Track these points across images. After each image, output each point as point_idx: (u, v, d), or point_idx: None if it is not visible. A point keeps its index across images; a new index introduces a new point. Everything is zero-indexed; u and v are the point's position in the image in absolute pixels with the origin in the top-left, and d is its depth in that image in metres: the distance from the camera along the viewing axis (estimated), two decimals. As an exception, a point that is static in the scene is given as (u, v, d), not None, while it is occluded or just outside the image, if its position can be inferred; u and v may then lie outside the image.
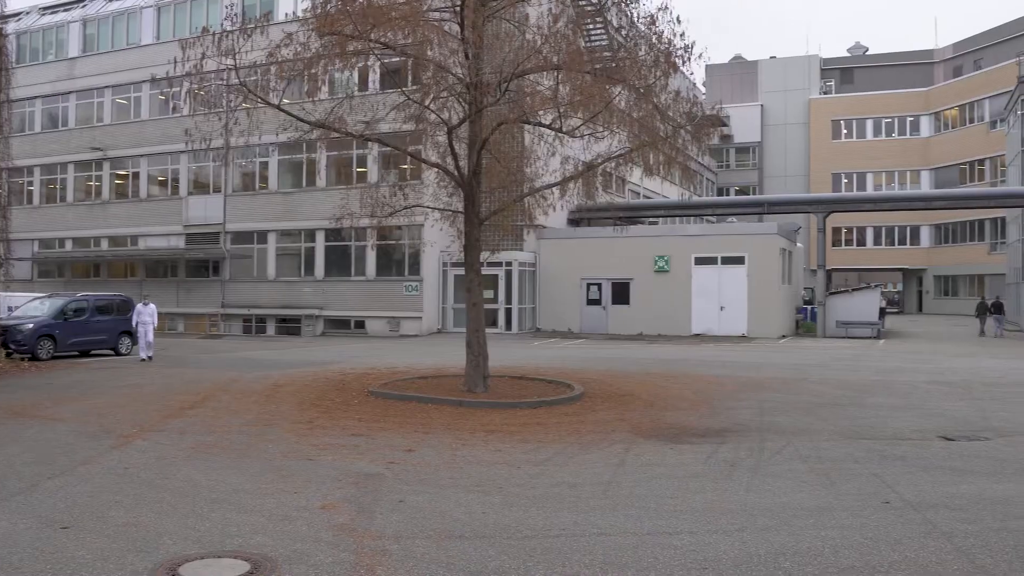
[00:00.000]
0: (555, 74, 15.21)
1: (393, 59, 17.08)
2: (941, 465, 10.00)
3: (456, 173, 16.20)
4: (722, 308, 34.58)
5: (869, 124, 71.32)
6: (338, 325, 36.46)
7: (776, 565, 6.24)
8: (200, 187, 40.23)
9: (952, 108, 67.83)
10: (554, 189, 16.94)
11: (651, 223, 43.56)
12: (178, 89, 33.61)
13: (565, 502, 8.13)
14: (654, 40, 15.36)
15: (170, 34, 39.54)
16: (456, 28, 15.22)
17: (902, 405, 15.28)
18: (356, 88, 21.19)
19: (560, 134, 15.97)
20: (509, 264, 35.50)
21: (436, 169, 17.13)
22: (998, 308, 40.18)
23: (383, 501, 8.16)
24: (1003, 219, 54.19)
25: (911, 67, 74.15)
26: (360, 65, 17.79)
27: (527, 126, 16.83)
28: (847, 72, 76.83)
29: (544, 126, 16.05)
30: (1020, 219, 45.03)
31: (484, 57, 15.20)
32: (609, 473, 9.42)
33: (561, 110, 15.43)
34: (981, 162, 63.57)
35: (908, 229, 68.81)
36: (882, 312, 39.79)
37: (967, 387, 17.91)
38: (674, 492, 8.53)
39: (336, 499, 8.23)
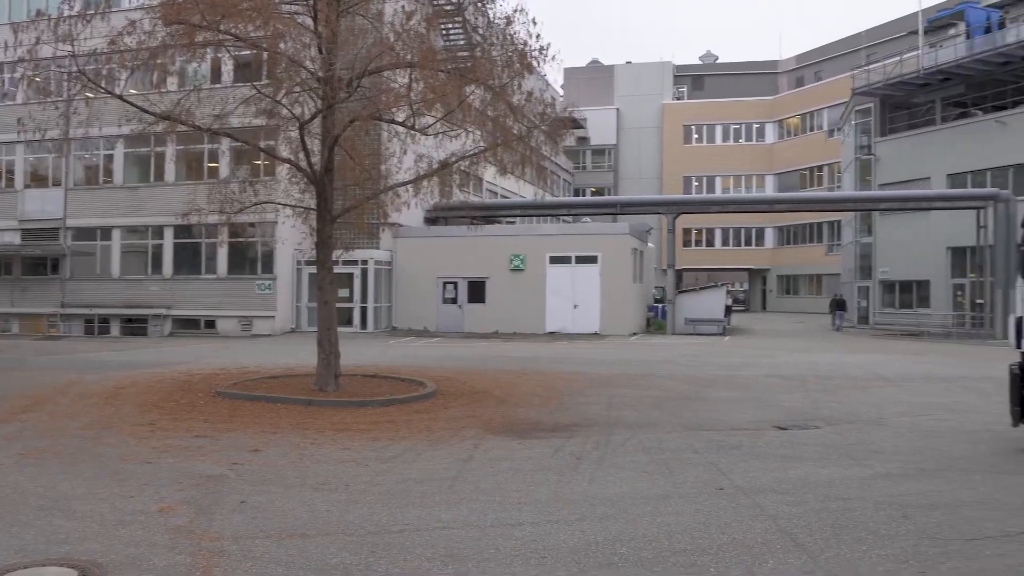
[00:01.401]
0: (409, 72, 15.19)
1: (245, 52, 16.65)
2: (773, 453, 10.53)
3: (308, 169, 15.95)
4: (576, 306, 35.26)
5: (718, 129, 74.19)
6: (187, 325, 35.25)
7: (613, 551, 6.44)
8: (38, 180, 38.11)
9: (794, 116, 71.33)
10: (408, 187, 16.90)
11: (508, 222, 43.96)
12: (11, 75, 31.83)
13: (411, 498, 8.15)
14: (509, 40, 15.54)
15: (4, 16, 37.33)
16: (310, 22, 14.99)
17: (743, 398, 15.99)
18: (208, 80, 20.58)
19: (413, 132, 15.95)
20: (365, 262, 35.18)
21: (288, 165, 16.82)
22: (840, 305, 43.90)
23: (224, 502, 7.97)
24: (839, 222, 57.31)
25: (758, 76, 77.50)
26: (211, 57, 17.30)
27: (382, 123, 16.74)
28: (698, 79, 79.65)
29: (398, 123, 16.00)
30: (854, 222, 47.75)
31: (337, 52, 15.01)
32: (457, 468, 9.49)
33: (415, 108, 15.42)
34: (820, 168, 67.08)
35: (754, 231, 71.97)
36: (728, 310, 41.53)
37: (803, 380, 18.89)
38: (519, 485, 8.67)
39: (175, 501, 7.98)
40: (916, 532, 6.96)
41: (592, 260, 35.51)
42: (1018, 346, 10.98)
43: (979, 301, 37.30)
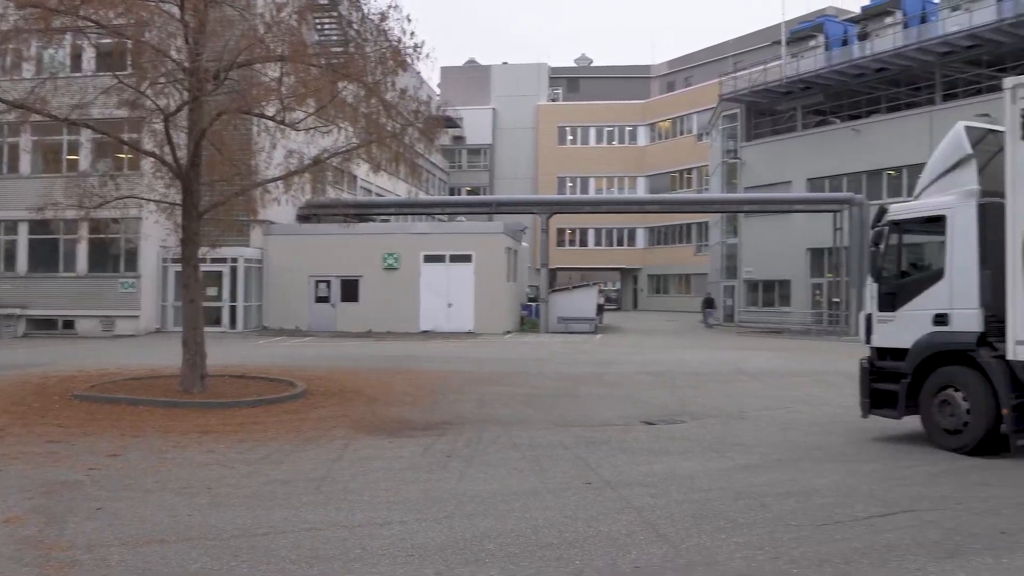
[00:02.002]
0: (280, 65, 14.88)
1: (107, 40, 15.95)
2: (640, 447, 10.78)
3: (174, 163, 15.41)
4: (450, 305, 35.26)
5: (592, 131, 75.47)
6: (43, 326, 33.51)
7: (480, 547, 6.47)
8: None
9: (666, 120, 73.24)
10: (279, 183, 16.56)
11: (382, 221, 43.61)
12: None
13: (277, 499, 7.98)
14: (383, 37, 15.41)
15: None
16: (176, 10, 14.48)
17: (612, 394, 16.32)
18: (67, 68, 19.63)
19: (283, 127, 15.63)
20: (234, 260, 34.27)
21: (153, 159, 16.21)
22: (710, 304, 45.76)
23: (78, 510, 7.62)
24: (708, 223, 59.16)
25: (631, 80, 79.17)
26: (71, 43, 16.53)
27: (252, 117, 16.33)
28: (573, 81, 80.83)
29: (267, 118, 15.64)
30: (721, 223, 49.40)
31: (205, 43, 14.53)
32: (325, 469, 9.35)
33: (285, 102, 15.12)
34: (690, 171, 69.07)
35: (626, 231, 73.56)
36: (600, 309, 42.28)
37: (670, 376, 19.42)
38: (389, 484, 8.61)
39: (23, 510, 7.58)
40: (772, 520, 7.25)
41: (466, 259, 35.59)
42: (868, 341, 11.58)
43: (836, 300, 39.14)
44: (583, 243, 73.59)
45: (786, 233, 42.58)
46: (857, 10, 43.78)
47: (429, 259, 35.79)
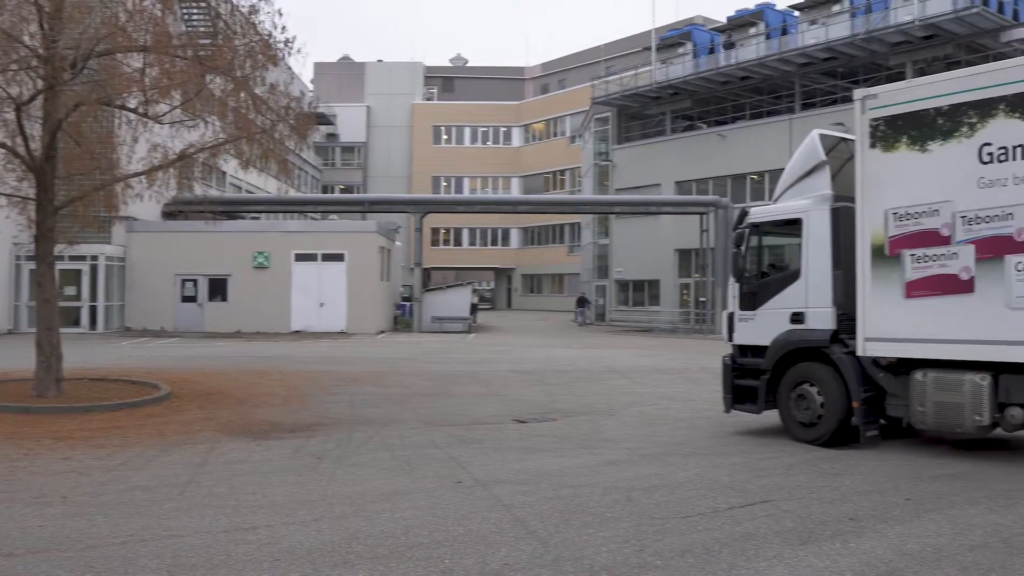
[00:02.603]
0: (143, 55, 14.33)
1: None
2: (512, 446, 10.87)
3: (27, 155, 14.62)
4: (322, 305, 34.74)
5: (467, 131, 75.62)
6: None
7: (349, 549, 6.39)
8: None
9: (539, 122, 74.04)
10: (141, 178, 15.93)
11: (252, 218, 42.61)
12: None
13: (137, 507, 7.69)
14: (253, 30, 15.04)
15: None
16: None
17: (485, 393, 16.40)
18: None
19: (146, 119, 15.05)
20: (95, 258, 32.83)
21: (3, 150, 15.35)
22: (582, 302, 46.64)
23: (-84, 522, 7.16)
24: (580, 224, 60.13)
25: (506, 82, 79.72)
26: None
27: (113, 109, 15.66)
28: (448, 81, 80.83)
29: (129, 110, 15.03)
30: (593, 224, 50.30)
31: (62, 29, 13.85)
32: (189, 474, 9.06)
33: (149, 94, 14.57)
34: (563, 172, 70.04)
35: (500, 231, 74.01)
36: (474, 308, 42.49)
37: (542, 375, 19.66)
38: (256, 488, 8.41)
39: None
40: (638, 513, 7.43)
41: (339, 258, 35.15)
42: (730, 339, 12.01)
43: (702, 299, 40.44)
44: (457, 243, 73.70)
45: (655, 234, 43.72)
46: (723, 20, 45.32)
47: (301, 258, 35.18)
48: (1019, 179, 9.04)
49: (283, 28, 14.91)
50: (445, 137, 75.55)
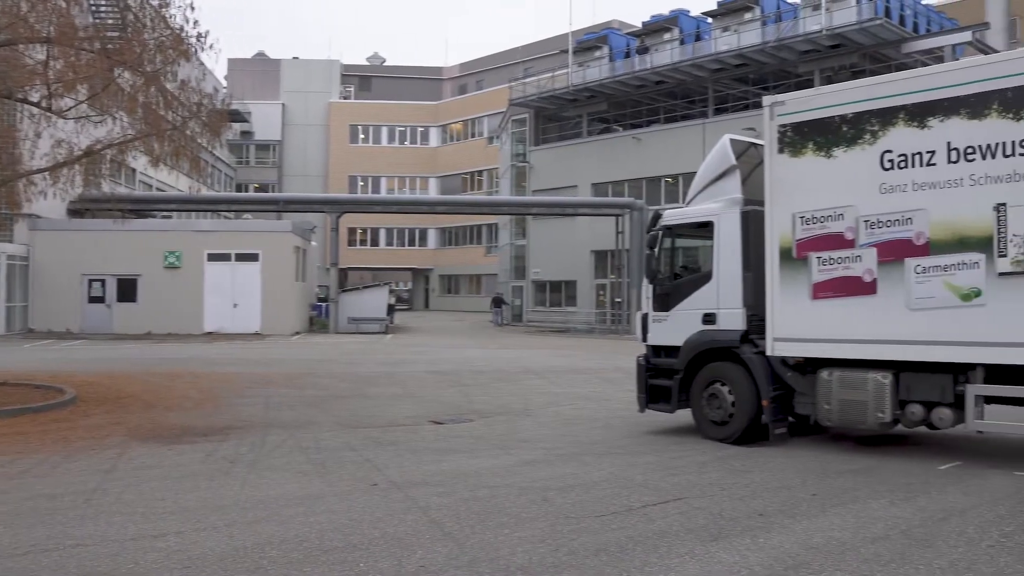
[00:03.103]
0: (45, 47, 13.87)
1: None
2: (428, 447, 10.85)
3: (-80, 150, 14.04)
4: (236, 305, 34.13)
5: (384, 131, 75.14)
6: None
7: (262, 555, 6.30)
8: None
9: (457, 122, 74.01)
10: (45, 175, 15.42)
11: (163, 217, 41.65)
12: None
13: (40, 515, 7.43)
14: (163, 23, 14.71)
15: None
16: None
17: (401, 394, 16.33)
18: None
19: (50, 114, 14.57)
20: (-5, 257, 31.65)
21: None
22: (499, 303, 46.84)
23: None
24: (497, 225, 60.31)
25: (424, 81, 79.45)
26: None
27: (15, 103, 15.12)
28: (366, 80, 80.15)
29: (31, 103, 14.53)
30: (510, 225, 50.50)
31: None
32: (96, 480, 8.80)
33: (52, 88, 14.12)
34: (480, 173, 70.14)
35: (417, 231, 73.76)
36: (391, 309, 42.25)
37: (459, 375, 19.66)
38: (166, 494, 8.22)
39: None
40: (554, 513, 7.49)
41: (253, 258, 34.58)
42: (644, 340, 12.20)
43: (618, 299, 40.96)
44: (374, 243, 73.20)
45: (572, 235, 44.10)
46: (639, 25, 45.98)
47: (213, 258, 34.49)
48: (918, 185, 9.40)
49: (195, 22, 14.67)
50: (362, 136, 74.95)
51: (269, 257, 34.62)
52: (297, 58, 76.39)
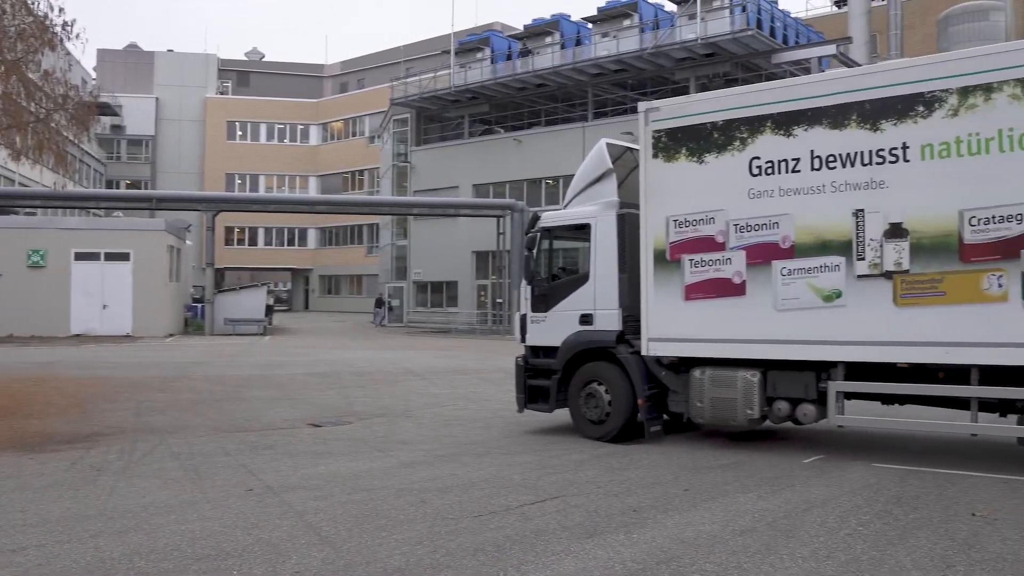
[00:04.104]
0: None
1: None
2: (306, 450, 10.69)
3: None
4: (105, 307, 32.87)
5: (263, 128, 73.61)
6: None
7: (130, 566, 6.09)
8: None
9: (338, 121, 73.10)
10: None
11: (27, 214, 39.72)
12: None
13: None
14: (25, 10, 14.08)
15: None
16: None
17: (279, 397, 16.03)
18: None
19: None
20: None
21: None
22: (380, 304, 46.73)
23: None
24: (379, 225, 59.85)
25: (304, 78, 78.18)
26: None
27: None
28: (244, 75, 78.36)
29: None
30: (392, 225, 50.18)
31: None
32: (-51, 491, 8.34)
33: None
34: (362, 172, 69.49)
35: (297, 231, 72.50)
36: (269, 309, 41.47)
37: (338, 377, 19.43)
38: (26, 505, 7.84)
39: None
40: (432, 514, 7.49)
41: (124, 257, 33.37)
42: (523, 340, 12.32)
43: (499, 300, 41.21)
44: (253, 242, 71.63)
45: (454, 236, 44.16)
46: (521, 28, 46.38)
47: (81, 257, 33.11)
48: (784, 191, 9.81)
49: (60, 10, 14.14)
50: (240, 133, 73.23)
51: (141, 256, 33.46)
52: (172, 51, 74.03)
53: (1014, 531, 6.89)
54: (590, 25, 42.06)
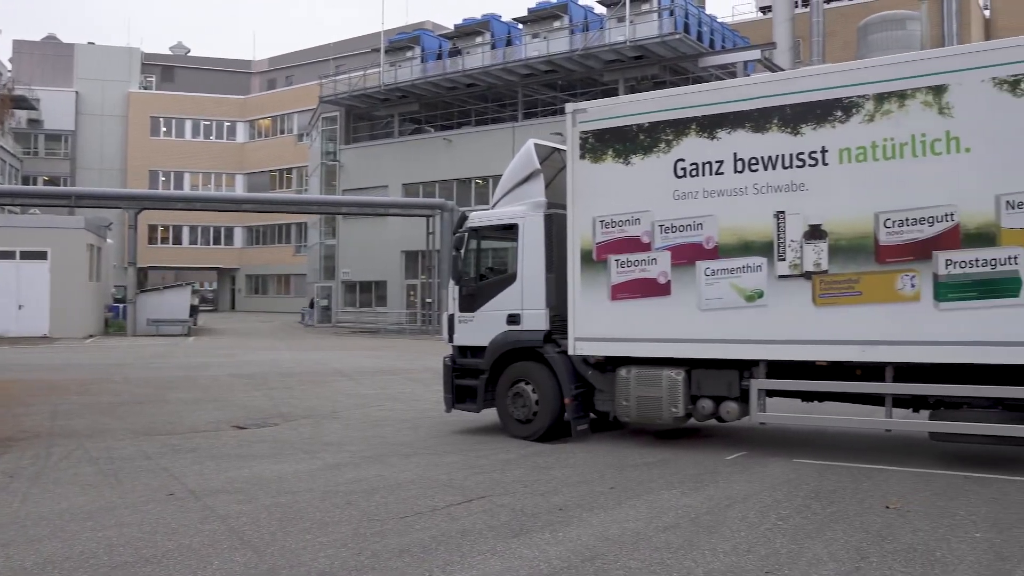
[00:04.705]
0: None
1: None
2: (230, 453, 10.51)
3: None
4: (21, 307, 31.92)
5: (188, 124, 72.21)
6: None
7: (44, 575, 5.92)
8: None
9: (266, 118, 72.06)
10: None
11: (-63, 211, 38.38)
12: None
13: None
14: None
15: None
16: None
17: (203, 399, 15.74)
18: None
19: None
20: None
21: None
22: (310, 304, 46.44)
23: None
24: (307, 224, 59.17)
25: (231, 74, 76.91)
26: None
27: None
28: (169, 70, 76.77)
29: None
30: (320, 225, 49.65)
31: None
32: None
33: None
34: (290, 170, 68.61)
35: (223, 230, 71.26)
36: (194, 310, 40.70)
37: (265, 378, 19.16)
38: (-67, 512, 7.59)
39: None
40: (358, 516, 7.43)
41: (41, 256, 32.45)
42: (450, 340, 12.31)
43: (428, 300, 41.05)
44: (177, 241, 70.22)
45: (383, 236, 43.89)
46: (451, 27, 46.29)
47: (-5, 255, 32.08)
48: (708, 193, 9.97)
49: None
50: (164, 129, 71.72)
51: (59, 255, 32.53)
52: (93, 43, 72.19)
53: (925, 522, 7.12)
54: (520, 26, 42.19)
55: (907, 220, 8.92)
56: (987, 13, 52.03)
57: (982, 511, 7.48)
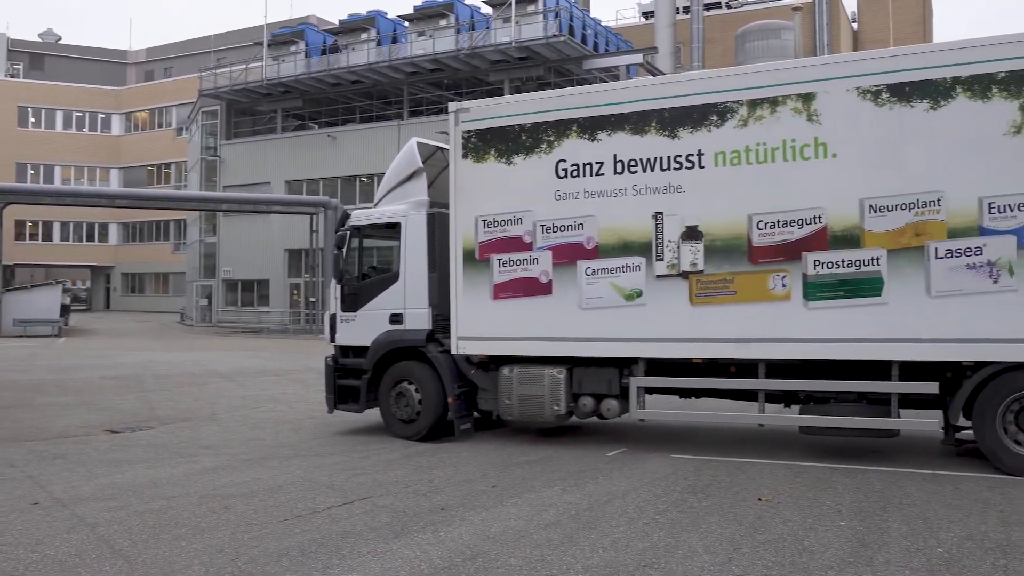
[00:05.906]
0: None
1: None
2: (102, 459, 10.14)
3: None
4: None
5: (59, 115, 69.22)
6: None
7: None
8: None
9: (143, 111, 69.68)
10: None
11: None
12: None
13: None
14: None
15: None
16: None
17: (74, 402, 15.14)
18: None
19: None
20: None
21: None
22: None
23: None
24: (186, 221, 57.47)
25: (105, 64, 74.08)
26: None
27: None
28: (38, 58, 73.41)
29: None
30: (199, 222, 48.31)
31: None
32: None
33: None
34: (168, 165, 66.51)
35: (97, 226, 68.58)
36: (66, 309, 39.07)
37: (140, 380, 18.55)
38: None
39: None
40: (235, 521, 7.27)
41: None
42: (332, 340, 12.16)
43: (312, 299, 40.45)
44: (47, 237, 67.19)
45: (265, 233, 43.04)
46: (336, 22, 45.67)
47: None
48: (588, 193, 10.14)
49: None
50: (33, 120, 68.53)
51: (-85, 252, 30.74)
52: (-48, 29, 68.43)
53: (794, 513, 7.41)
54: (407, 23, 41.94)
55: (778, 222, 9.26)
56: (855, 26, 54.46)
57: (847, 501, 7.84)
